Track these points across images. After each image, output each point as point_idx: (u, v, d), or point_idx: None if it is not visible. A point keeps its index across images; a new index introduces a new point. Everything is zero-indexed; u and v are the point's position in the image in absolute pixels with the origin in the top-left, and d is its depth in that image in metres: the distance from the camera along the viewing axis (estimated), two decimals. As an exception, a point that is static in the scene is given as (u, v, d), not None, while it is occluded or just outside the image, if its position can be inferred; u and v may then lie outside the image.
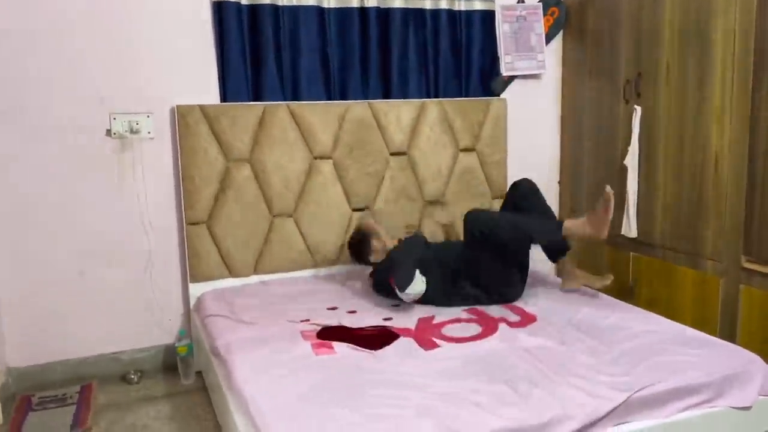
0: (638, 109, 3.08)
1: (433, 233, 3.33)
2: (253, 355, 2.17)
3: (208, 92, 2.99)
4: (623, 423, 1.81)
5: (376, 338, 2.37)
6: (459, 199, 3.42)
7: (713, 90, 2.69)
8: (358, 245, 2.92)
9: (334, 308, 2.69)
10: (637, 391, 1.83)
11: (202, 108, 2.89)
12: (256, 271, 3.07)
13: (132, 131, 2.87)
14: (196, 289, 2.97)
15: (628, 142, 3.14)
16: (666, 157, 2.97)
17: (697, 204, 2.81)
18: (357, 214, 3.22)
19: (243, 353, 2.19)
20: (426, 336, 2.37)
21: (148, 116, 2.90)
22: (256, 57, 3.03)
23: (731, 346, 2.16)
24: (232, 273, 3.03)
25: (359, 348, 2.26)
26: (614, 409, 1.79)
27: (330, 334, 2.40)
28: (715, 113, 2.69)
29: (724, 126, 2.66)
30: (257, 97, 3.07)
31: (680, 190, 2.88)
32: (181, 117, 2.86)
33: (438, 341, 2.31)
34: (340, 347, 2.25)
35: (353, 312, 2.64)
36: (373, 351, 2.23)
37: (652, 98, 3.02)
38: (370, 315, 2.60)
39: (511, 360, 2.08)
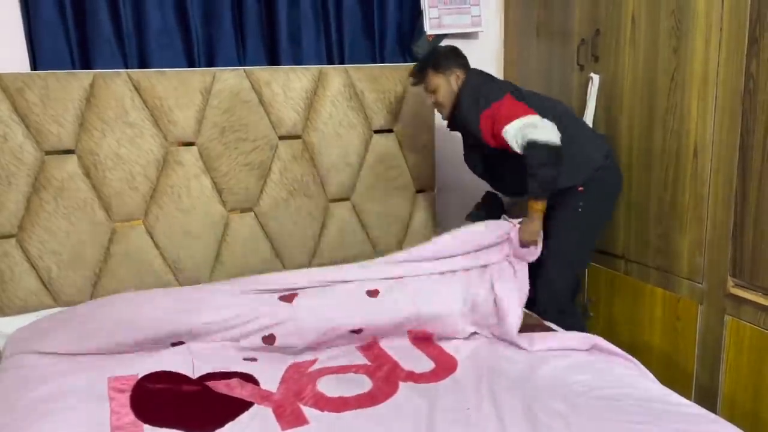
0: (595, 77, 2.36)
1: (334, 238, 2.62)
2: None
3: (11, 56, 2.18)
4: None
5: (218, 407, 1.69)
6: (373, 195, 2.69)
7: (693, 52, 1.99)
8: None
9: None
10: None
11: (-2, 77, 2.09)
12: (93, 297, 2.32)
13: None
14: (5, 325, 2.20)
15: (582, 122, 2.44)
16: (630, 142, 2.28)
17: (670, 206, 2.13)
18: (235, 216, 2.47)
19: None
20: (291, 400, 1.72)
21: (-77, 89, 2.09)
22: (81, 8, 2.23)
23: (710, 420, 1.52)
24: (59, 301, 2.27)
25: (185, 429, 1.57)
26: None
27: (150, 398, 1.70)
28: (696, 84, 1.99)
29: (707, 102, 1.96)
30: (86, 64, 2.27)
31: (648, 185, 2.21)
32: (-34, 91, 2.05)
33: (306, 410, 1.66)
34: (155, 432, 1.55)
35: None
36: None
37: (613, 63, 2.31)
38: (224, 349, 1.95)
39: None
